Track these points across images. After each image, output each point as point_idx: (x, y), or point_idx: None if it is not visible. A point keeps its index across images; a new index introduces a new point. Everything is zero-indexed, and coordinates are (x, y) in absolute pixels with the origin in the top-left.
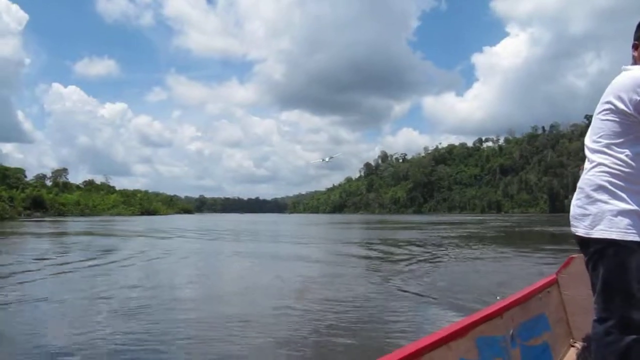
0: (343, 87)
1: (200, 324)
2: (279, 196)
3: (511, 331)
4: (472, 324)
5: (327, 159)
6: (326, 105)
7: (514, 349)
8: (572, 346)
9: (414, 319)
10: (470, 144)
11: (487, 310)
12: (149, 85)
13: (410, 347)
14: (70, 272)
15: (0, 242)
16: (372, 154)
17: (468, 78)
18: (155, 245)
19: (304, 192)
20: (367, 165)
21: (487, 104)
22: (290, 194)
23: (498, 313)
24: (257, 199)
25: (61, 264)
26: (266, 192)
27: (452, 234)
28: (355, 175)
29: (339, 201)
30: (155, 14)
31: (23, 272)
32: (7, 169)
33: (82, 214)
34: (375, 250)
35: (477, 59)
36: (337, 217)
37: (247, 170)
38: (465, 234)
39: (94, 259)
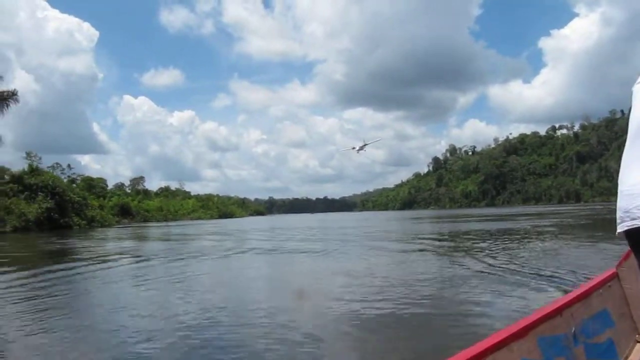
0: (405, 81)
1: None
2: (346, 195)
3: (573, 329)
4: (532, 324)
5: (358, 148)
6: (389, 101)
7: (577, 347)
8: (638, 342)
9: None
10: (542, 132)
11: (547, 309)
12: (213, 91)
13: (473, 349)
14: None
15: (143, 246)
16: (438, 148)
17: (535, 64)
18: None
19: (371, 190)
20: (435, 159)
21: (558, 89)
22: (358, 192)
23: (557, 311)
24: (325, 198)
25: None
26: (333, 191)
27: (544, 224)
28: (423, 170)
29: (408, 197)
30: (215, 21)
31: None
32: (92, 179)
33: (165, 219)
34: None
35: (545, 43)
36: (410, 213)
37: (312, 170)
38: (560, 224)
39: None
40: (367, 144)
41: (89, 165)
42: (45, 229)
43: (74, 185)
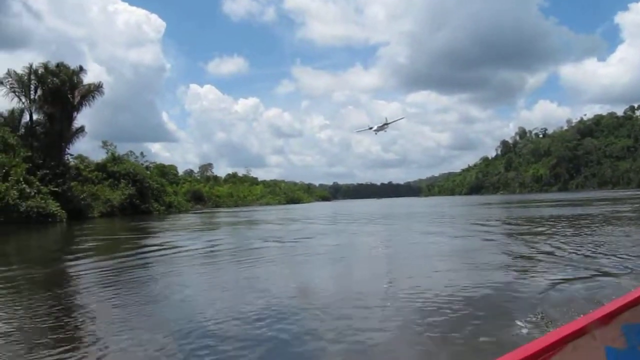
0: (470, 63)
1: None
2: (411, 179)
3: None
4: (617, 310)
5: (376, 127)
6: (454, 84)
7: None
8: None
9: None
10: (619, 112)
11: (632, 295)
12: (277, 78)
13: (553, 335)
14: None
15: (237, 229)
16: (506, 131)
17: (611, 40)
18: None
19: (436, 175)
20: (504, 142)
21: (636, 67)
22: (423, 177)
23: None
24: (389, 184)
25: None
26: (397, 176)
27: (623, 209)
28: (491, 154)
29: (476, 182)
30: (277, 8)
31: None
32: (164, 166)
33: (236, 205)
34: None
35: (622, 18)
36: (479, 198)
37: (376, 155)
38: None
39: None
40: (387, 124)
41: (159, 153)
42: (128, 214)
43: (148, 172)
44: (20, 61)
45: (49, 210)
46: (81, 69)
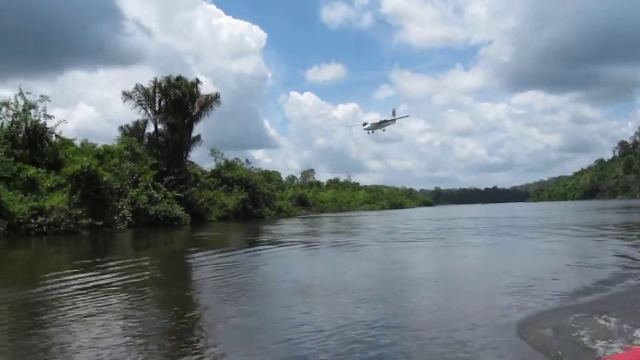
0: (580, 59)
1: None
2: (517, 184)
3: None
4: None
5: (369, 125)
6: (563, 82)
7: None
8: None
9: None
10: None
11: None
12: (375, 83)
13: None
14: None
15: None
16: (625, 131)
17: None
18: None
19: (545, 179)
20: (622, 143)
21: None
22: (530, 181)
23: None
24: (494, 188)
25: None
26: (502, 180)
27: None
28: (607, 156)
29: (590, 186)
30: (373, 13)
31: None
32: (269, 172)
33: (339, 210)
34: None
35: None
36: (595, 203)
37: (480, 159)
38: None
39: None
40: (388, 121)
41: (262, 159)
42: (241, 218)
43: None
44: (134, 76)
45: (174, 213)
46: (198, 81)
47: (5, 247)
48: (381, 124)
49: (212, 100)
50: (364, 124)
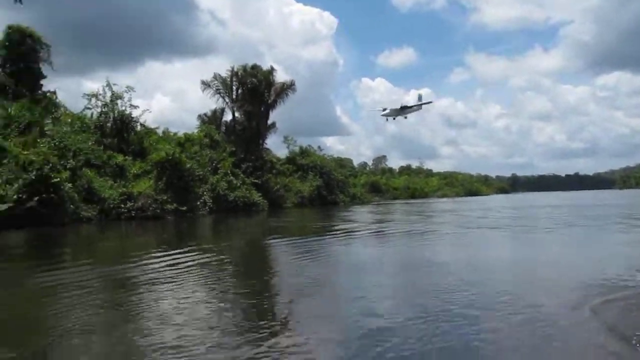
0: None
1: None
2: (601, 170)
3: None
4: None
5: (388, 111)
6: None
7: None
8: None
9: None
10: None
11: None
12: (448, 67)
13: None
14: None
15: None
16: None
17: None
18: None
19: (632, 165)
20: None
21: None
22: (616, 167)
23: None
24: (576, 175)
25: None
26: (585, 166)
27: None
28: None
29: None
30: None
31: None
32: (341, 159)
33: (413, 197)
34: None
35: None
36: None
37: (560, 144)
38: None
39: None
40: (410, 107)
41: (334, 146)
42: (316, 204)
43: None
44: (209, 66)
45: (252, 199)
46: (273, 69)
47: (98, 231)
48: (403, 110)
49: (287, 88)
50: (383, 110)
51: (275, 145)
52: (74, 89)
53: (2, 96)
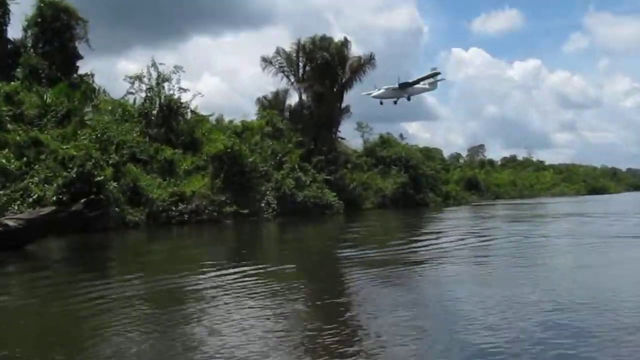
0: None
1: None
2: None
3: None
4: None
5: (382, 92)
6: None
7: None
8: None
9: None
10: None
11: None
12: (563, 32)
13: None
14: None
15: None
16: None
17: None
18: None
19: None
20: None
21: None
22: None
23: None
24: None
25: None
26: None
27: None
28: None
29: None
30: None
31: None
32: (429, 150)
33: (521, 195)
34: None
35: None
36: None
37: None
38: None
39: None
40: (411, 84)
41: (417, 134)
42: (401, 205)
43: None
44: (265, 40)
45: (325, 200)
46: (346, 40)
47: (147, 238)
48: (404, 89)
49: (365, 64)
50: (378, 90)
51: (347, 134)
52: (107, 70)
53: (35, 81)
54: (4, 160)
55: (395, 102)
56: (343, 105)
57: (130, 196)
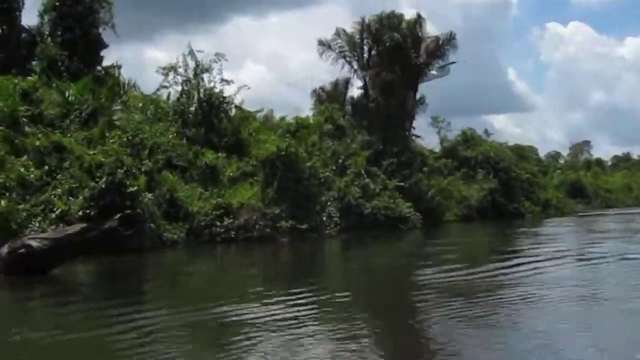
0: None
1: None
2: None
3: None
4: None
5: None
6: None
7: None
8: None
9: None
10: None
11: None
12: None
13: None
14: None
15: None
16: None
17: None
18: None
19: None
20: None
21: None
22: None
23: None
24: None
25: None
26: None
27: None
28: None
29: None
30: None
31: None
32: (521, 148)
33: (639, 203)
34: None
35: None
36: None
37: None
38: None
39: None
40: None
41: (506, 128)
42: (490, 216)
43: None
44: (320, 18)
45: (398, 211)
46: (419, 17)
47: (188, 259)
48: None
49: (444, 44)
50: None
51: (421, 131)
52: (133, 59)
53: (55, 75)
54: (22, 169)
55: None
56: (417, 95)
57: (167, 209)
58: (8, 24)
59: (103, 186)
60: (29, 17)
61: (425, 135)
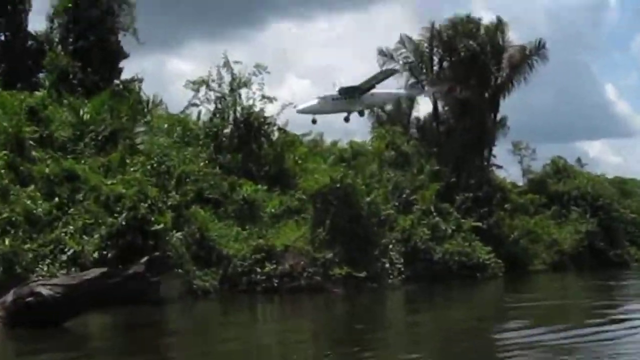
0: None
1: None
2: None
3: None
4: None
5: (317, 105)
6: None
7: None
8: None
9: None
10: None
11: None
12: None
13: None
14: None
15: None
16: None
17: None
18: None
19: None
20: None
21: None
22: None
23: None
24: None
25: None
26: None
27: None
28: None
29: None
30: None
31: None
32: (624, 181)
33: None
34: None
35: None
36: None
37: None
38: None
39: None
40: (366, 89)
41: (602, 157)
42: (587, 265)
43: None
44: (376, 23)
45: (475, 257)
46: (500, 21)
47: (221, 313)
48: (349, 98)
49: (532, 54)
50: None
51: (500, 159)
52: (153, 70)
53: (67, 90)
54: (28, 202)
55: (346, 119)
56: (497, 117)
57: (197, 251)
58: (12, 29)
59: (123, 223)
60: (36, 21)
61: (506, 164)
